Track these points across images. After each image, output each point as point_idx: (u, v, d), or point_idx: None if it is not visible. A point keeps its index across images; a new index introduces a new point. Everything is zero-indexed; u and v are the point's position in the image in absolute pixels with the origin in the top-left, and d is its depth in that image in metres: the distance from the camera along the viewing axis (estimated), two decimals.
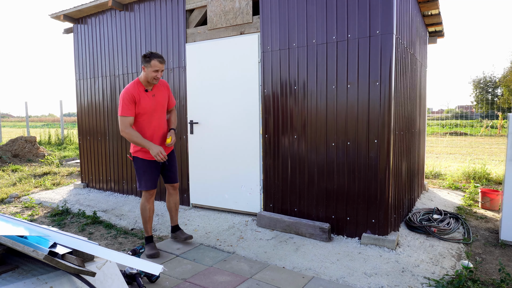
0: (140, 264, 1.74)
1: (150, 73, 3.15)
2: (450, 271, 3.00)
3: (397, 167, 3.76)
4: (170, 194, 3.58)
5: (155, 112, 3.28)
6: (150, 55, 3.13)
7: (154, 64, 3.12)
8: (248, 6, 4.13)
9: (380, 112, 3.37)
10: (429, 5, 4.84)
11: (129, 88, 3.15)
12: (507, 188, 3.55)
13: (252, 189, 4.25)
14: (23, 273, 1.63)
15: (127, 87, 3.17)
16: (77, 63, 5.97)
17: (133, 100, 3.13)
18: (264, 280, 2.81)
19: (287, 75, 3.90)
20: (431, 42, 6.16)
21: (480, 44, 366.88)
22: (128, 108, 3.10)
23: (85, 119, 5.96)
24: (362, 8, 3.41)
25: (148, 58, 3.12)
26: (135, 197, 5.32)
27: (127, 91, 3.13)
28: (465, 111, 26.00)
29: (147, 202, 3.33)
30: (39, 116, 69.57)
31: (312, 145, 3.78)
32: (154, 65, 3.12)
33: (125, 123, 3.11)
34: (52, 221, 4.46)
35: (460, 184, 6.28)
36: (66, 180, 6.91)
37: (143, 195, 3.35)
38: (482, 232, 3.97)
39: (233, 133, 4.32)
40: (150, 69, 3.14)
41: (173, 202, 3.59)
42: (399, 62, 3.60)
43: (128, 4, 5.20)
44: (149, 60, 3.12)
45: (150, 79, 3.18)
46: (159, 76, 3.19)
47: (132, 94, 3.13)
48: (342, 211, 3.64)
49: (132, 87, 3.17)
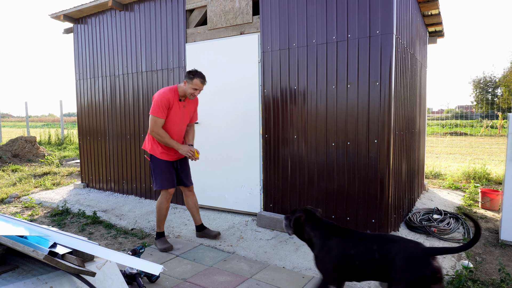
0: (140, 264, 1.74)
1: (189, 89, 3.30)
2: (450, 271, 3.00)
3: (397, 167, 3.76)
4: (187, 196, 3.69)
5: (180, 122, 3.42)
6: (195, 74, 3.28)
7: (196, 83, 3.28)
8: (248, 6, 4.13)
9: (380, 112, 3.37)
10: (429, 5, 4.84)
11: (166, 93, 3.27)
12: (507, 188, 3.55)
13: (252, 189, 4.25)
14: (23, 273, 1.63)
15: (165, 91, 3.28)
16: (77, 63, 5.97)
17: (168, 105, 3.28)
18: (264, 280, 2.81)
19: (287, 75, 3.90)
20: (431, 42, 6.16)
21: (480, 44, 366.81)
22: (162, 111, 3.24)
23: (85, 119, 5.96)
24: (362, 8, 3.41)
25: (192, 75, 3.28)
26: (135, 197, 5.32)
27: (165, 95, 3.25)
28: (465, 111, 26.00)
29: (166, 201, 3.44)
30: (39, 116, 69.61)
31: (312, 145, 3.78)
32: (196, 83, 3.28)
33: (157, 124, 3.24)
34: (52, 221, 4.46)
35: (460, 184, 6.28)
36: (66, 180, 6.91)
37: (162, 194, 3.43)
38: (482, 232, 3.97)
39: (233, 133, 4.32)
40: (191, 85, 3.29)
41: (192, 202, 3.70)
42: (399, 62, 3.60)
43: (128, 4, 5.20)
44: (192, 78, 3.27)
45: (188, 94, 3.34)
46: (197, 94, 3.36)
47: (168, 99, 3.26)
48: (342, 211, 3.64)
49: (169, 92, 3.29)
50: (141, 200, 5.20)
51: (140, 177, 5.30)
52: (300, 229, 2.31)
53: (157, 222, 3.52)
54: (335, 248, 2.09)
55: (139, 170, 5.30)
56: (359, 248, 2.03)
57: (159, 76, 4.95)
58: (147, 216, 4.49)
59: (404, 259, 1.86)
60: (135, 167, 5.33)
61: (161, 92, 3.27)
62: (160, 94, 3.27)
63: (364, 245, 2.02)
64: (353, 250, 2.04)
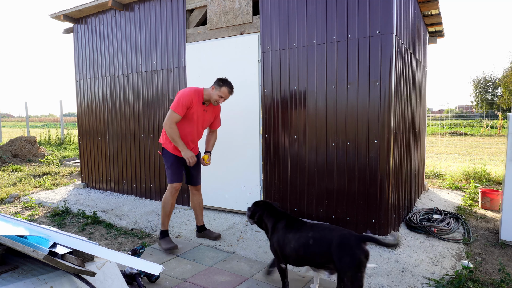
0: (140, 264, 1.74)
1: (215, 95, 3.31)
2: (450, 271, 3.00)
3: (397, 167, 3.76)
4: (193, 194, 3.70)
5: (197, 125, 3.42)
6: (224, 82, 3.30)
7: (224, 91, 3.29)
8: (248, 6, 4.13)
9: (380, 112, 3.37)
10: (429, 5, 4.84)
11: (191, 93, 3.28)
12: (507, 188, 3.55)
13: (252, 189, 4.25)
14: (23, 273, 1.63)
15: (190, 91, 3.29)
16: (77, 63, 5.97)
17: (189, 104, 3.28)
18: (264, 280, 2.81)
19: (287, 75, 3.90)
20: (431, 42, 6.16)
21: (480, 44, 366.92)
22: (182, 108, 3.23)
23: (85, 119, 5.96)
24: (362, 8, 3.41)
25: (221, 83, 3.29)
26: (135, 197, 5.32)
27: (189, 95, 3.26)
28: (465, 111, 25.99)
29: (171, 196, 3.42)
30: (39, 116, 69.58)
31: (312, 145, 3.78)
32: (223, 92, 3.29)
33: (173, 118, 3.24)
34: (52, 221, 4.46)
35: (460, 184, 6.28)
36: (66, 180, 6.91)
37: (168, 189, 3.43)
38: (482, 232, 3.97)
39: (233, 133, 4.32)
40: (218, 92, 3.30)
41: (197, 202, 3.71)
42: (399, 62, 3.60)
43: (128, 4, 5.20)
44: (221, 85, 3.29)
45: (212, 100, 3.35)
46: (221, 102, 3.37)
47: (191, 99, 3.27)
48: (342, 211, 3.64)
49: (194, 93, 3.30)
50: (141, 200, 5.20)
51: (140, 177, 5.30)
52: (259, 219, 2.67)
53: (161, 218, 3.49)
54: (280, 233, 2.46)
55: (139, 170, 5.30)
56: (298, 234, 2.34)
57: (159, 76, 4.95)
58: (147, 216, 4.49)
59: (342, 246, 2.12)
60: (135, 167, 5.33)
61: (186, 91, 3.29)
62: (184, 92, 3.28)
63: (302, 232, 2.33)
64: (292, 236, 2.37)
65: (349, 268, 2.08)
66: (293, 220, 2.50)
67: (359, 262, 2.07)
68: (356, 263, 2.07)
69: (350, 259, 2.08)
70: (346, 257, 2.09)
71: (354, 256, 2.08)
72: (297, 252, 2.32)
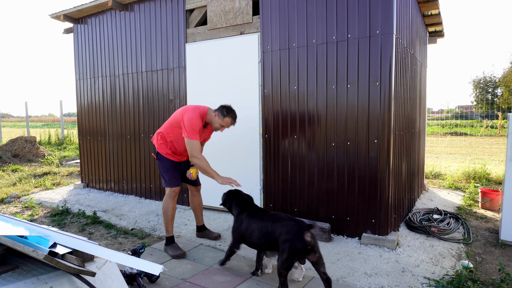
0: (140, 264, 1.74)
1: (217, 123, 3.27)
2: (450, 271, 3.00)
3: (397, 167, 3.76)
4: (193, 195, 3.69)
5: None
6: (228, 112, 3.25)
7: (226, 122, 3.26)
8: (248, 6, 4.13)
9: (380, 112, 3.37)
10: (429, 5, 4.84)
11: (197, 118, 3.20)
12: (507, 188, 3.55)
13: (252, 189, 4.25)
14: (23, 273, 1.63)
15: (196, 117, 3.19)
16: (77, 63, 5.97)
17: (200, 129, 3.23)
18: (264, 280, 2.81)
19: (287, 75, 3.90)
20: (431, 42, 6.16)
21: (480, 44, 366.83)
22: (197, 134, 3.17)
23: (85, 119, 5.96)
24: (362, 8, 3.41)
25: (225, 113, 3.24)
26: (135, 197, 5.32)
27: (197, 120, 3.19)
28: (465, 111, 25.96)
29: (171, 200, 3.38)
30: (39, 116, 69.54)
31: (312, 145, 3.78)
32: (226, 122, 3.26)
33: (196, 147, 3.16)
34: (52, 221, 4.46)
35: (460, 184, 6.28)
36: (66, 180, 6.91)
37: (167, 193, 3.39)
38: (482, 232, 3.97)
39: (233, 133, 4.32)
40: (220, 121, 3.25)
41: (197, 202, 3.70)
42: (399, 62, 3.59)
43: (128, 4, 5.20)
44: (225, 115, 3.24)
45: (213, 126, 3.32)
46: (221, 131, 3.36)
47: (200, 124, 3.22)
48: (342, 211, 3.64)
49: (199, 117, 3.22)
50: (141, 200, 5.20)
51: (140, 177, 5.30)
52: (230, 207, 3.06)
53: (165, 224, 3.39)
54: (243, 221, 2.82)
55: (139, 170, 5.30)
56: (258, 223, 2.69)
57: (159, 76, 4.95)
58: (147, 216, 4.49)
59: (285, 233, 2.44)
60: (135, 167, 5.33)
61: (193, 118, 3.17)
62: (192, 119, 3.16)
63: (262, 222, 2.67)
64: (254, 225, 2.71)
65: (283, 252, 2.41)
66: (255, 210, 2.85)
67: (294, 251, 2.37)
68: (290, 250, 2.38)
69: (288, 246, 2.39)
70: (286, 243, 2.41)
71: (292, 244, 2.39)
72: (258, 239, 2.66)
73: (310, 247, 2.37)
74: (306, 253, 2.39)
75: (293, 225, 2.46)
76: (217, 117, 3.25)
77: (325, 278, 2.46)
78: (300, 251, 2.36)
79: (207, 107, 3.34)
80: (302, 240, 2.36)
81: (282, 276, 2.41)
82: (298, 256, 2.39)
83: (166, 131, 3.34)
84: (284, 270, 2.40)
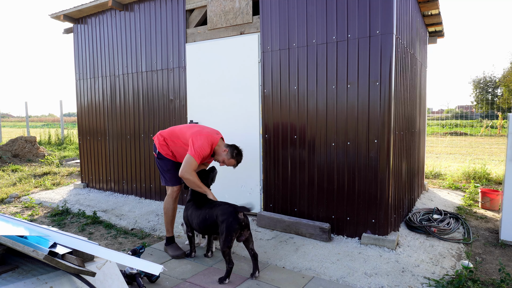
0: (140, 264, 1.74)
1: (223, 158, 3.27)
2: (450, 271, 3.00)
3: (397, 167, 3.76)
4: None
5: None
6: (238, 155, 3.27)
7: (231, 162, 3.28)
8: (248, 6, 4.13)
9: (380, 112, 3.37)
10: (429, 5, 4.84)
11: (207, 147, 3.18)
12: (507, 188, 3.55)
13: (252, 189, 4.25)
14: (23, 273, 1.63)
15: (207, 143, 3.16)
16: (77, 63, 5.97)
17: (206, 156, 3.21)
18: (264, 280, 2.81)
19: (287, 75, 3.90)
20: (431, 42, 6.16)
21: (480, 44, 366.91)
22: (200, 159, 3.14)
23: (85, 119, 5.96)
24: (362, 8, 3.41)
25: (235, 154, 3.25)
26: (135, 197, 5.32)
27: (207, 147, 3.17)
28: (465, 111, 25.96)
29: (172, 200, 3.39)
30: (39, 116, 69.49)
31: (312, 145, 3.78)
32: (231, 162, 3.29)
33: (192, 166, 3.11)
34: (52, 221, 4.46)
35: (460, 184, 6.28)
36: (66, 180, 6.91)
37: (169, 193, 3.40)
38: (482, 232, 3.97)
39: (233, 133, 4.32)
40: (225, 158, 3.26)
41: None
42: (399, 62, 3.60)
43: (128, 4, 5.20)
44: (233, 156, 3.26)
45: (217, 159, 3.32)
46: (221, 165, 3.37)
47: (208, 152, 3.21)
48: (342, 211, 3.64)
49: (209, 147, 3.19)
50: (141, 200, 5.20)
51: (140, 177, 5.30)
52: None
53: (165, 224, 3.42)
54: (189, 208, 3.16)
55: (139, 170, 5.30)
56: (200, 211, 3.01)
57: (159, 76, 4.95)
58: (147, 216, 4.49)
59: (221, 215, 2.79)
60: (135, 167, 5.33)
61: (204, 146, 3.14)
62: (202, 147, 3.13)
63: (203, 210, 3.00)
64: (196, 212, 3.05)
65: (222, 231, 2.74)
66: (203, 200, 3.13)
67: (231, 227, 2.71)
68: (228, 228, 2.71)
69: (226, 225, 2.73)
70: (223, 223, 2.74)
71: (228, 223, 2.72)
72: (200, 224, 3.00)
73: (244, 223, 2.77)
74: (241, 229, 2.76)
75: (228, 207, 2.82)
76: (225, 153, 3.24)
77: (253, 253, 2.85)
78: (237, 227, 2.72)
79: (219, 137, 3.32)
80: (237, 218, 2.73)
81: (226, 254, 2.73)
82: (236, 232, 2.72)
83: (170, 138, 3.33)
84: (227, 248, 2.71)
